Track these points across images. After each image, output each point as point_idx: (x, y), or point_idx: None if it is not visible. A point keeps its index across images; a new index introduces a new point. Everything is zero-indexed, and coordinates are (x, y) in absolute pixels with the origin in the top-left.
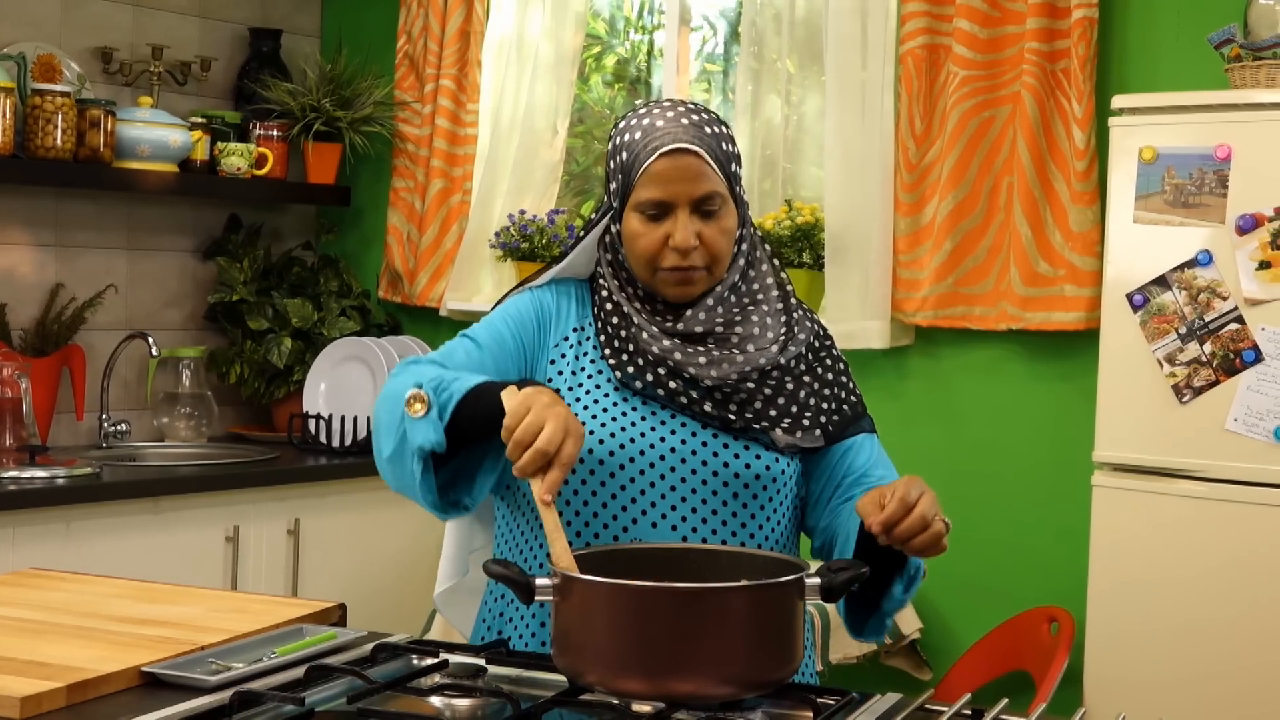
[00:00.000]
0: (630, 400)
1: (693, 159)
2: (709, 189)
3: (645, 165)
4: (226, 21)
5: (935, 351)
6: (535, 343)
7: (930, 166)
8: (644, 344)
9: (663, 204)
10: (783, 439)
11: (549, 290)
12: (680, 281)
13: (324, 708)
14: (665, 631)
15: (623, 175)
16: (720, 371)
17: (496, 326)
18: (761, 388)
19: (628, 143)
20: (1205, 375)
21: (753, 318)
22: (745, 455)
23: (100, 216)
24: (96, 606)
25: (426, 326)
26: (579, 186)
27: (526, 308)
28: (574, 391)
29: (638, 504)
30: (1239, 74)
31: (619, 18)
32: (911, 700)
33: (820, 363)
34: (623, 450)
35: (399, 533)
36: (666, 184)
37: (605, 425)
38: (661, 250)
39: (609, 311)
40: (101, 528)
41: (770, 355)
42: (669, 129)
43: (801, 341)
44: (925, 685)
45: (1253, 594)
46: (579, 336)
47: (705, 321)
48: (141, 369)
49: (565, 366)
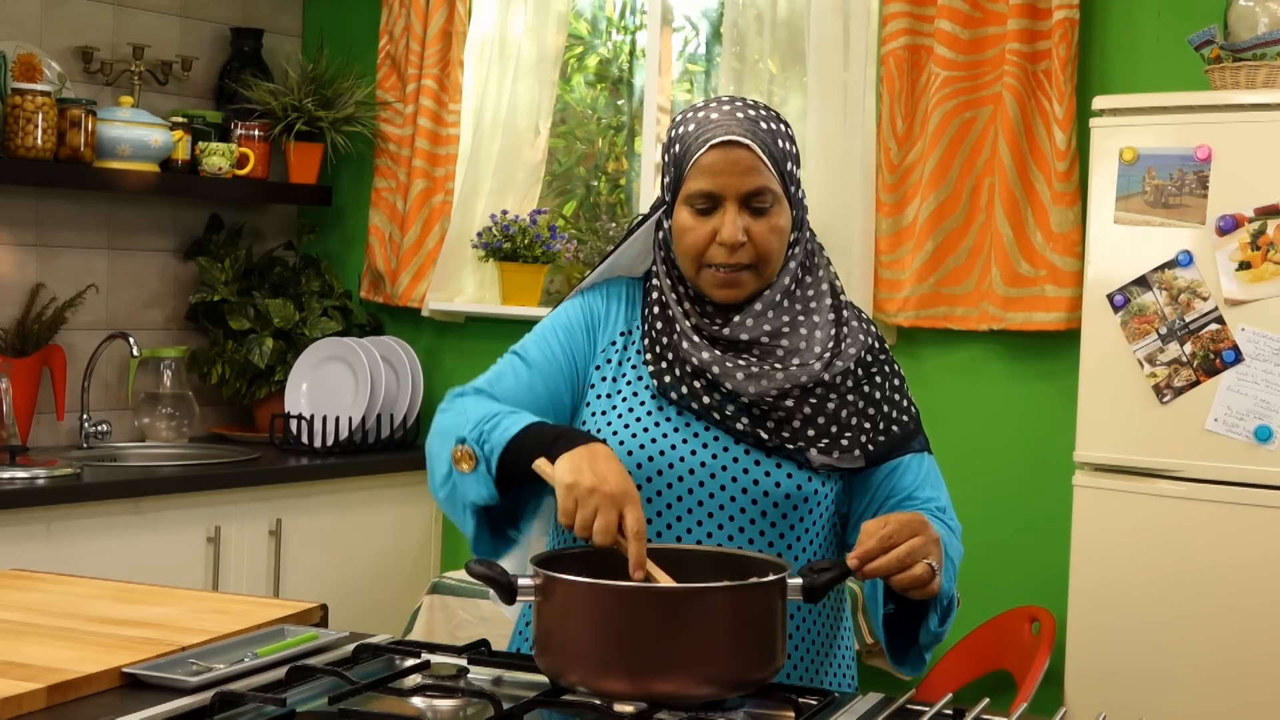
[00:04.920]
0: (666, 410)
1: (744, 152)
2: (760, 184)
3: (696, 157)
4: (208, 21)
5: (917, 352)
6: (585, 350)
7: (912, 167)
8: (685, 353)
9: (711, 196)
10: (818, 459)
11: (599, 293)
12: (725, 284)
13: (305, 708)
14: (647, 632)
15: (675, 168)
16: (759, 387)
17: (548, 339)
18: (802, 405)
19: (681, 135)
20: (1186, 375)
21: (801, 330)
22: (776, 474)
23: (81, 216)
24: (77, 607)
25: (408, 327)
26: (561, 187)
27: (577, 315)
28: (611, 399)
29: (663, 517)
30: (1219, 75)
31: (601, 18)
32: (893, 700)
33: (870, 379)
34: (652, 463)
35: (380, 533)
36: (715, 176)
37: (637, 436)
38: (708, 246)
39: (656, 315)
40: (82, 528)
41: (813, 371)
42: (723, 121)
43: (851, 356)
44: (907, 685)
45: (1233, 593)
46: (625, 340)
47: (753, 329)
48: (122, 369)
49: (609, 371)
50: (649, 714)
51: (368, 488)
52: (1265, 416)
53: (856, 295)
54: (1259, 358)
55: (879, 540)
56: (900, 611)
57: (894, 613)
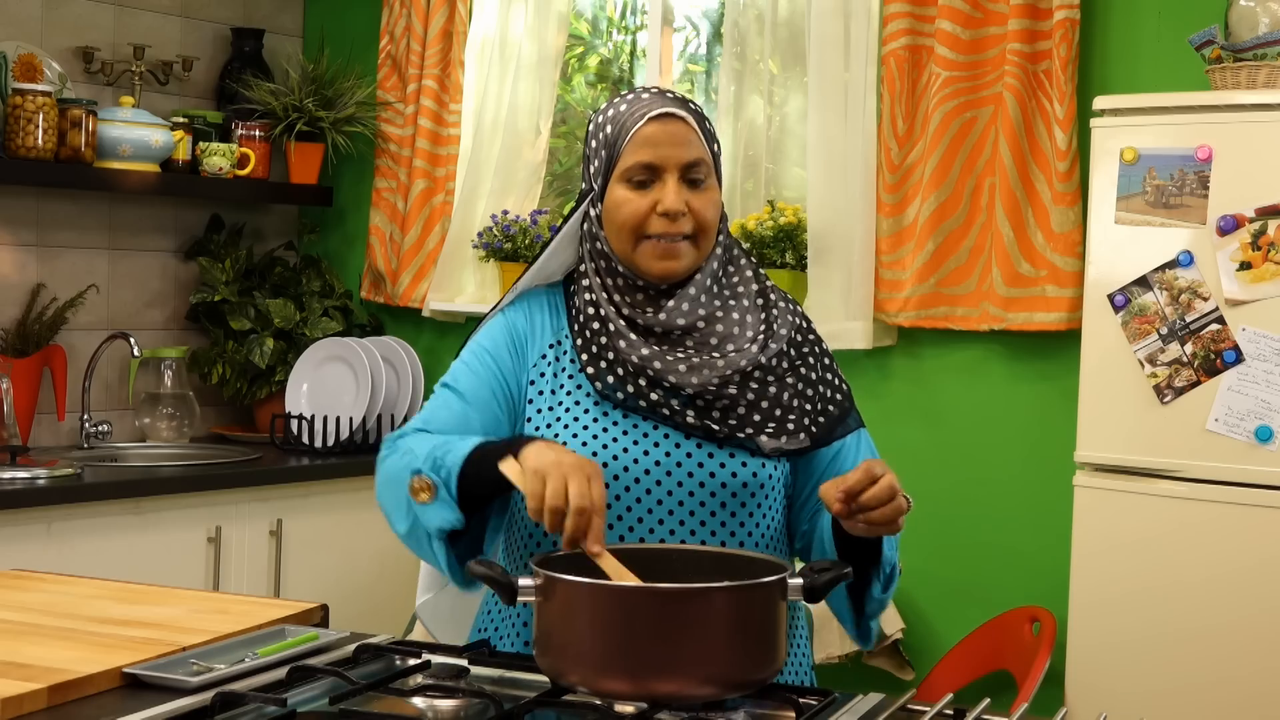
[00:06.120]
0: (611, 414)
1: (681, 125)
2: (697, 155)
3: (634, 131)
4: (208, 21)
5: (917, 352)
6: (514, 369)
7: (912, 167)
8: (623, 352)
9: (651, 167)
10: (768, 444)
11: (519, 308)
12: (665, 254)
13: (306, 709)
14: (648, 632)
15: (607, 150)
16: (701, 378)
17: (474, 368)
18: (744, 392)
19: (612, 117)
20: (1186, 376)
21: (733, 314)
22: (731, 464)
23: (81, 216)
24: (78, 607)
25: (409, 327)
26: (562, 187)
27: (500, 335)
28: (554, 410)
29: (624, 520)
30: (1220, 75)
31: (602, 18)
32: (893, 700)
33: (804, 359)
34: (606, 469)
35: (381, 533)
36: (656, 147)
37: (587, 444)
38: (648, 216)
39: (589, 316)
40: (83, 528)
41: (750, 355)
42: (654, 100)
43: (782, 338)
44: (907, 685)
45: (1234, 594)
46: (556, 352)
47: (688, 314)
48: (123, 369)
49: (545, 385)
50: (649, 714)
51: (369, 488)
52: (1266, 417)
53: (857, 295)
54: (1260, 358)
55: (864, 472)
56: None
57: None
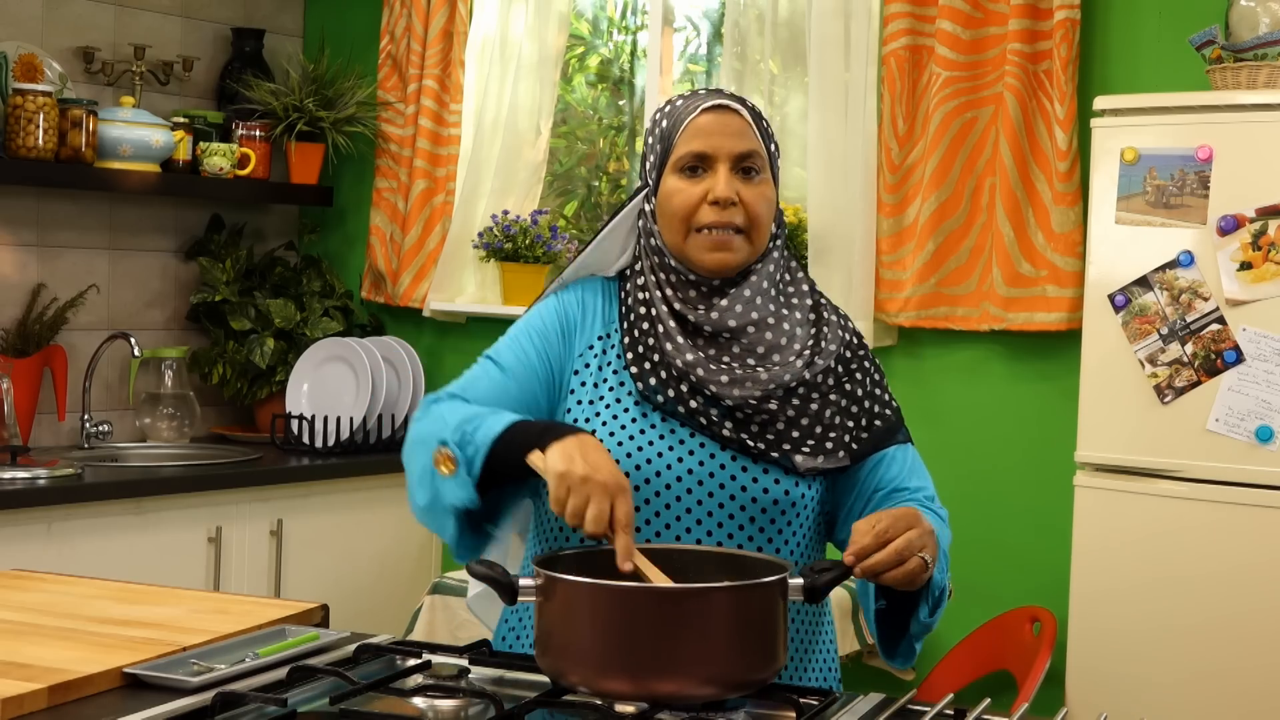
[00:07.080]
0: (650, 416)
1: (736, 117)
2: (751, 146)
3: (688, 121)
4: (209, 21)
5: (918, 352)
6: (561, 354)
7: (913, 167)
8: (669, 355)
9: (703, 156)
10: (804, 463)
11: (574, 293)
12: (717, 245)
13: (306, 708)
14: (648, 632)
15: (662, 141)
16: (742, 390)
17: (521, 343)
18: (784, 408)
19: (669, 112)
20: (1187, 376)
21: (784, 325)
22: (764, 480)
23: (82, 216)
24: (78, 607)
25: (409, 327)
26: (562, 187)
27: (551, 318)
28: (594, 405)
29: (652, 525)
30: (1220, 75)
31: (602, 18)
32: (894, 700)
33: (850, 376)
34: (639, 471)
35: (381, 534)
36: (708, 136)
37: (623, 444)
38: (699, 206)
39: (640, 315)
40: (83, 528)
41: (795, 371)
42: (711, 94)
43: (831, 354)
44: (908, 685)
45: (1234, 593)
46: (604, 344)
47: (741, 315)
48: (123, 369)
49: (589, 376)
50: (650, 714)
51: (369, 488)
52: (1266, 417)
53: (857, 295)
54: (1260, 358)
55: (874, 536)
56: (891, 604)
57: (884, 606)
